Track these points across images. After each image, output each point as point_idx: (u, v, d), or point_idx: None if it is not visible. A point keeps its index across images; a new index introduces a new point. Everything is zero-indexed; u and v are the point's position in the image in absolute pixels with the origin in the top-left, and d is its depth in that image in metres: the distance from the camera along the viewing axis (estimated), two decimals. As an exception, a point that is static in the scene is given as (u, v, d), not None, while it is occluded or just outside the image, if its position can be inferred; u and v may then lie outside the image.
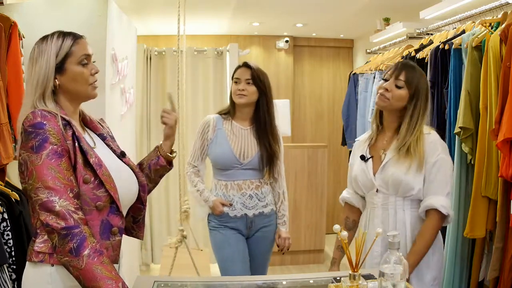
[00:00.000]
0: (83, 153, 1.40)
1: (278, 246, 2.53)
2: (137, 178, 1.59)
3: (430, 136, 1.93)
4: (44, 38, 1.47)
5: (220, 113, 2.53)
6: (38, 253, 1.38)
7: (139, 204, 1.60)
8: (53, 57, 1.43)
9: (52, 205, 1.30)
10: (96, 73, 1.50)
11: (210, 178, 2.60)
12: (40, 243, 1.38)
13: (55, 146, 1.34)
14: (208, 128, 2.47)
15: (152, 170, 1.69)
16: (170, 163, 1.73)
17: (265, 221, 2.48)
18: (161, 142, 1.73)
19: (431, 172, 1.89)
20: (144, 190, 1.61)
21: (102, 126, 1.63)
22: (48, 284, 1.37)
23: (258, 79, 2.41)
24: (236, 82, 2.43)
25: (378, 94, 1.96)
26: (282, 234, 2.50)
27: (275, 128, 2.50)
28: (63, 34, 1.47)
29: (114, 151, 1.58)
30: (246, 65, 2.44)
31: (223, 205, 2.41)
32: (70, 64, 1.45)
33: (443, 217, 1.89)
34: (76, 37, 1.48)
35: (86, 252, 1.28)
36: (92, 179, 1.39)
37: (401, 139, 1.92)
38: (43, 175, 1.32)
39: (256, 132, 2.46)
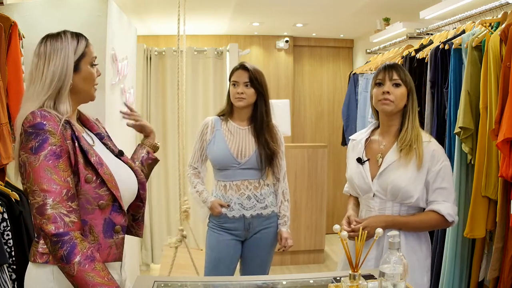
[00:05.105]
0: (84, 153, 1.40)
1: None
2: (136, 176, 1.60)
3: (431, 145, 1.93)
4: (56, 37, 1.46)
5: (218, 115, 2.55)
6: (42, 254, 1.38)
7: (139, 202, 1.61)
8: (72, 55, 1.45)
9: (45, 208, 1.29)
10: (99, 75, 1.56)
11: (211, 181, 2.61)
12: (43, 244, 1.38)
13: (54, 147, 1.34)
14: (207, 129, 2.49)
15: (145, 165, 1.77)
16: (154, 155, 1.84)
17: (264, 223, 2.47)
18: (143, 139, 1.84)
19: (436, 180, 1.90)
20: (144, 188, 1.62)
21: (97, 125, 1.63)
22: (50, 282, 1.37)
23: (256, 81, 2.42)
24: (234, 85, 2.44)
25: (381, 100, 1.94)
26: (283, 234, 2.49)
27: (273, 127, 2.50)
28: (76, 34, 1.50)
29: (112, 150, 1.59)
30: (243, 67, 2.44)
31: (221, 206, 2.42)
32: (85, 64, 1.48)
33: (446, 222, 1.92)
34: (87, 39, 1.52)
35: (76, 259, 1.27)
36: (94, 178, 1.39)
37: (405, 135, 1.92)
38: (39, 177, 1.31)
39: (254, 131, 2.46)
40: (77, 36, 1.49)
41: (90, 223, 1.40)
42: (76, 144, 1.39)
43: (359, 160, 2.01)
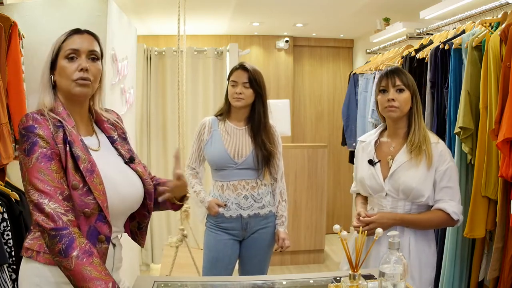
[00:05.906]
0: (74, 158, 1.38)
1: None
2: (144, 185, 1.55)
3: (439, 146, 2.01)
4: None
5: (216, 115, 2.55)
6: (27, 249, 1.41)
7: (145, 211, 1.58)
8: (50, 53, 1.46)
9: (42, 207, 1.31)
10: (84, 69, 1.43)
11: (210, 181, 2.62)
12: (30, 240, 1.41)
13: (44, 149, 1.35)
14: (204, 130, 2.50)
15: (160, 204, 1.64)
16: (178, 205, 1.66)
17: (262, 223, 2.48)
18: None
19: (443, 179, 1.97)
20: (151, 198, 1.58)
21: (116, 127, 1.60)
22: (36, 277, 1.38)
23: (255, 81, 2.42)
24: (233, 85, 2.44)
25: (386, 107, 2.00)
26: (280, 234, 2.50)
27: (270, 128, 2.51)
28: (68, 31, 1.47)
29: (122, 156, 1.55)
30: (243, 67, 2.44)
31: (219, 205, 2.43)
32: (60, 58, 1.44)
33: (452, 220, 1.98)
34: (72, 32, 1.46)
35: (75, 253, 1.28)
36: (81, 185, 1.37)
37: (413, 137, 1.99)
38: (33, 178, 1.33)
39: (251, 132, 2.47)
40: (66, 32, 1.47)
41: None
42: (68, 148, 1.38)
43: (371, 162, 2.06)
